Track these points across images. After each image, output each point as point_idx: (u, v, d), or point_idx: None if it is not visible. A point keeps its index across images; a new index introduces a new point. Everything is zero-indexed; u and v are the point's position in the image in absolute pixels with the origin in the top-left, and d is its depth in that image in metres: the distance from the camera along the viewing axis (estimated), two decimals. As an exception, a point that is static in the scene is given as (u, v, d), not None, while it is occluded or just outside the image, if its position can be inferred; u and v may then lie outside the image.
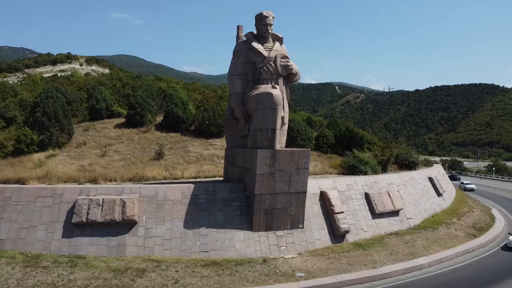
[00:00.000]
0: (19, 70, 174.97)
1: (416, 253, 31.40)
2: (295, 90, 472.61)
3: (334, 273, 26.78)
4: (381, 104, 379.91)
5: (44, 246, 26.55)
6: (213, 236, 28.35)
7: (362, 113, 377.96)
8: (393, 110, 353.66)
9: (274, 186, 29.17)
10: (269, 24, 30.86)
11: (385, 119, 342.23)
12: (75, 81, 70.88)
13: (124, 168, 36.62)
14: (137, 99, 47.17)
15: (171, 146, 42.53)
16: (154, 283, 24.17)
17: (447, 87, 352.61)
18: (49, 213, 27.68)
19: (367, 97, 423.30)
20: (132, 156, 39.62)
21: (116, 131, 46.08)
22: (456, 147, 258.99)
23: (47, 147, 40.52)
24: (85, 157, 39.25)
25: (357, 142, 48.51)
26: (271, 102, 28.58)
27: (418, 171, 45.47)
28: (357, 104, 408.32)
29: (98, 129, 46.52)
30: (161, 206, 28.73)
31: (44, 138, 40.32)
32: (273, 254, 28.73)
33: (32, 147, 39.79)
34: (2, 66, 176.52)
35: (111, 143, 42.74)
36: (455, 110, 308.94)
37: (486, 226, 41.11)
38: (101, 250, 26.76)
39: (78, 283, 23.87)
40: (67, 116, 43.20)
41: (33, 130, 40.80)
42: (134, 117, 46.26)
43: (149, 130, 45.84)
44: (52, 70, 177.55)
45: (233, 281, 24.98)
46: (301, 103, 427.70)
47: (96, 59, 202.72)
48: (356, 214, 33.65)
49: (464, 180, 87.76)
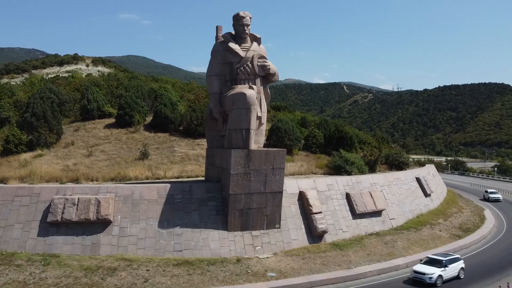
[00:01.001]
0: (26, 71, 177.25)
1: (395, 254, 31.25)
2: (303, 90, 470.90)
3: (306, 273, 26.76)
4: (389, 104, 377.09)
5: (19, 245, 26.90)
6: (188, 235, 28.50)
7: (370, 113, 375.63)
8: (401, 110, 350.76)
9: (249, 186, 29.23)
10: (246, 25, 30.92)
11: (393, 119, 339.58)
12: (72, 82, 71.68)
13: (107, 168, 36.97)
14: (127, 99, 47.56)
15: (157, 146, 42.81)
16: (124, 282, 24.39)
17: (456, 86, 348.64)
18: (26, 212, 28.03)
19: (375, 97, 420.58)
20: (117, 156, 39.98)
21: (105, 131, 46.51)
22: (464, 147, 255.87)
23: (36, 147, 41.06)
24: (71, 157, 39.70)
25: (346, 142, 48.28)
26: (244, 102, 28.66)
27: (405, 172, 45.12)
28: (365, 104, 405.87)
29: (88, 129, 47.00)
30: (137, 205, 28.95)
31: (33, 138, 40.87)
32: (248, 254, 28.79)
33: (21, 147, 40.36)
34: (10, 67, 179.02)
35: (99, 143, 43.15)
36: (463, 109, 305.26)
37: (474, 227, 40.68)
38: (76, 249, 27.05)
39: (48, 282, 24.18)
40: (56, 116, 43.73)
41: (22, 131, 41.41)
42: (123, 117, 46.65)
43: (138, 130, 46.18)
44: (58, 71, 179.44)
45: (203, 280, 25.11)
46: (309, 103, 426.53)
47: (102, 60, 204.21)
48: (336, 214, 33.55)
49: (489, 188, 69.93)
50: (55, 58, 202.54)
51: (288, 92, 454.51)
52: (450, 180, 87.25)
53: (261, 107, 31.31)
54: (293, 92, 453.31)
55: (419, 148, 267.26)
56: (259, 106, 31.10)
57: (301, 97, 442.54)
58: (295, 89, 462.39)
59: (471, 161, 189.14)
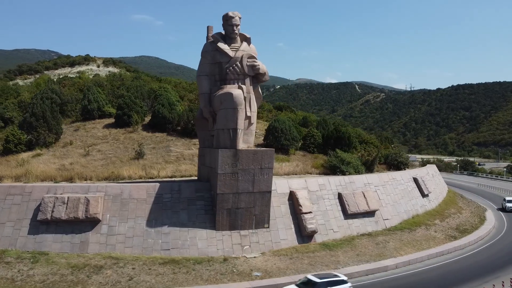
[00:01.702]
0: (38, 72, 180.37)
1: (385, 255, 30.98)
2: (315, 89, 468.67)
3: (292, 273, 26.72)
4: (401, 104, 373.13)
5: (10, 242, 27.41)
6: (175, 234, 28.68)
7: (381, 112, 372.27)
8: (414, 109, 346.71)
9: (237, 186, 29.30)
10: (235, 25, 30.98)
11: (405, 119, 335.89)
12: (76, 82, 72.69)
13: (102, 167, 37.44)
14: (125, 99, 48.08)
15: (154, 145, 43.20)
16: (109, 280, 24.68)
17: (470, 85, 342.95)
18: (17, 210, 28.56)
19: (387, 96, 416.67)
20: (113, 155, 40.46)
21: (104, 131, 47.10)
22: (477, 147, 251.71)
23: (35, 146, 41.82)
24: (68, 156, 40.32)
25: (345, 142, 47.97)
26: (231, 102, 28.74)
27: (402, 172, 44.65)
28: (377, 104, 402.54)
29: (87, 129, 47.66)
30: (126, 204, 29.25)
31: (32, 138, 41.64)
32: (236, 253, 28.85)
33: (20, 147, 41.14)
34: (23, 68, 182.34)
35: (97, 142, 43.72)
36: (477, 109, 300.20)
37: (471, 228, 40.07)
38: (65, 247, 27.46)
39: (35, 279, 24.62)
40: (55, 117, 44.43)
41: (22, 130, 42.20)
42: (122, 117, 47.17)
43: (136, 130, 46.66)
44: (70, 72, 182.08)
45: (187, 279, 25.27)
46: (320, 102, 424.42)
47: (113, 60, 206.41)
48: (327, 214, 33.40)
49: (509, 195, 62.42)
50: (67, 59, 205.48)
51: (299, 92, 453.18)
52: (456, 181, 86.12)
53: (250, 106, 31.31)
54: (304, 92, 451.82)
55: (431, 148, 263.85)
56: (248, 105, 31.14)
57: (312, 97, 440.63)
58: (306, 88, 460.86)
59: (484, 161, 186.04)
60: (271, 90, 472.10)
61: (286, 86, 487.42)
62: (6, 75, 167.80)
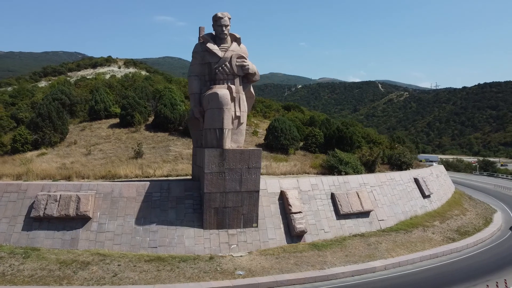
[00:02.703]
0: (62, 73, 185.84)
1: (375, 256, 30.59)
2: (337, 89, 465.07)
3: (275, 273, 26.76)
4: (425, 103, 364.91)
5: (5, 238, 28.50)
6: (163, 232, 29.15)
7: (405, 111, 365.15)
8: (438, 108, 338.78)
9: (224, 185, 29.53)
10: (224, 25, 31.20)
11: (428, 118, 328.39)
12: (89, 83, 74.69)
13: (101, 166, 38.35)
14: (129, 100, 49.09)
15: (154, 145, 43.95)
16: (93, 276, 25.35)
17: (497, 83, 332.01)
18: (13, 207, 29.65)
19: (411, 95, 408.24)
20: (114, 155, 41.39)
21: (108, 131, 48.21)
22: (504, 147, 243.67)
23: (40, 146, 43.28)
24: (71, 155, 41.51)
25: (347, 141, 47.49)
26: (217, 102, 29.01)
27: (402, 172, 43.82)
28: (400, 103, 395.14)
29: (93, 129, 48.91)
30: (116, 202, 29.94)
31: (38, 138, 43.11)
32: (223, 252, 29.07)
33: (27, 146, 42.66)
34: (47, 70, 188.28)
35: (99, 142, 44.82)
36: (504, 107, 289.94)
37: (474, 230, 39.03)
38: (56, 243, 28.34)
39: (24, 273, 25.51)
40: (61, 117, 45.83)
41: (29, 130, 43.74)
42: (126, 117, 48.21)
43: (138, 130, 47.58)
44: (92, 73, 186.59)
45: (169, 276, 25.66)
46: (342, 102, 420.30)
47: (134, 62, 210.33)
48: (318, 215, 33.22)
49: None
50: (89, 61, 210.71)
51: (321, 91, 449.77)
52: (473, 182, 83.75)
53: (240, 106, 31.49)
54: (326, 92, 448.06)
55: (456, 148, 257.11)
56: (238, 105, 31.34)
57: (334, 96, 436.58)
58: (328, 88, 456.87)
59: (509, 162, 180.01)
60: (293, 89, 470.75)
61: (308, 86, 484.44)
62: (32, 77, 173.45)
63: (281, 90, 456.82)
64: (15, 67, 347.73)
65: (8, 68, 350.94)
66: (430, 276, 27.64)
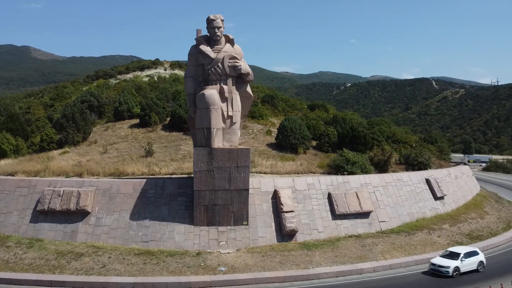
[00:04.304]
0: (112, 76, 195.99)
1: (367, 257, 29.94)
2: (387, 86, 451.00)
3: (257, 270, 27.09)
4: (483, 100, 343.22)
5: (14, 229, 31.12)
6: (155, 228, 30.41)
7: (460, 109, 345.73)
8: (497, 105, 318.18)
9: (214, 183, 30.26)
10: (216, 27, 31.89)
11: (486, 116, 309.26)
12: (124, 86, 78.48)
13: (113, 164, 40.50)
14: (147, 101, 51.27)
15: (166, 144, 45.63)
16: (84, 266, 27.07)
17: None
18: (23, 201, 32.28)
19: (468, 92, 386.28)
20: (127, 153, 43.52)
21: (127, 130, 50.66)
22: None
23: (64, 145, 46.46)
24: (89, 154, 44.19)
25: (360, 141, 46.45)
26: (204, 102, 29.82)
27: (412, 172, 42.05)
28: (455, 100, 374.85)
29: (114, 129, 51.63)
30: (113, 198, 31.65)
31: (62, 137, 46.31)
32: (212, 248, 29.81)
33: (52, 145, 45.99)
34: (99, 73, 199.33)
35: (117, 141, 47.27)
36: None
37: (488, 235, 36.87)
38: (58, 235, 30.51)
39: (25, 262, 27.80)
40: (84, 118, 48.87)
41: (55, 130, 47.12)
42: (144, 118, 50.42)
43: (155, 130, 49.58)
44: (139, 75, 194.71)
45: (153, 270, 26.81)
46: (393, 100, 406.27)
47: (179, 64, 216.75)
48: (313, 214, 32.99)
49: None
50: (138, 63, 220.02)
51: (371, 90, 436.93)
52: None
53: (232, 106, 32.06)
54: (376, 90, 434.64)
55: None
56: (230, 105, 31.93)
57: (384, 94, 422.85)
58: (378, 86, 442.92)
59: None
60: (341, 88, 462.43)
61: (357, 84, 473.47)
62: (85, 80, 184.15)
63: (330, 89, 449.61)
64: (76, 71, 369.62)
65: (70, 72, 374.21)
66: (417, 280, 26.74)
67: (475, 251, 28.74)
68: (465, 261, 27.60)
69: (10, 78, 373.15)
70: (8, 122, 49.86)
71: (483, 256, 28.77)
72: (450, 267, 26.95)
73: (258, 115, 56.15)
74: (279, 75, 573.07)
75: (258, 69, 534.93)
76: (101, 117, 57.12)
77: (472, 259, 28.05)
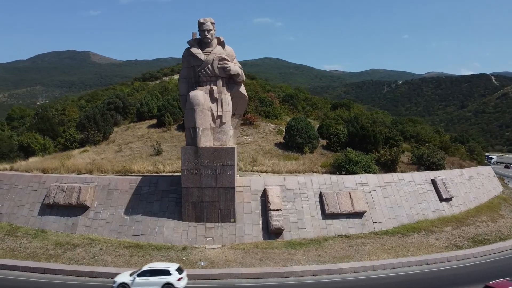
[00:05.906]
0: (158, 78, 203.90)
1: (352, 258, 29.67)
2: (442, 83, 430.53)
3: (235, 266, 27.84)
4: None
5: (24, 221, 34.11)
6: (147, 222, 32.06)
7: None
8: None
9: (201, 181, 31.39)
10: (206, 30, 32.93)
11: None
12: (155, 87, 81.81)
13: (124, 162, 42.81)
14: (164, 102, 53.40)
15: (176, 143, 47.33)
16: (77, 256, 29.24)
17: None
18: (34, 195, 35.28)
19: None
20: (139, 152, 45.75)
21: (145, 130, 53.08)
22: None
23: (85, 144, 49.68)
24: (105, 152, 46.95)
25: (369, 140, 45.46)
26: (189, 103, 31.02)
27: (416, 173, 40.50)
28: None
29: (134, 129, 54.28)
30: (111, 194, 33.74)
31: (83, 137, 49.56)
32: (198, 243, 30.95)
33: (75, 144, 49.39)
34: (145, 75, 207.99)
35: (133, 141, 49.75)
36: None
37: (495, 239, 34.94)
38: (60, 227, 33.08)
39: (28, 250, 30.49)
40: (105, 118, 51.90)
41: (78, 130, 50.54)
42: (160, 118, 52.60)
43: (169, 129, 51.55)
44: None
45: (137, 262, 28.37)
46: (447, 98, 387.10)
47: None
48: (302, 213, 33.09)
49: None
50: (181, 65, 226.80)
51: (424, 87, 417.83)
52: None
53: (222, 106, 32.97)
54: (430, 87, 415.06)
55: None
56: (220, 105, 32.88)
57: (438, 92, 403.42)
58: (432, 83, 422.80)
59: None
60: (393, 85, 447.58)
61: (410, 81, 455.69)
62: (133, 82, 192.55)
63: (380, 87, 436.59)
64: (132, 73, 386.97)
65: (125, 75, 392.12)
66: (394, 283, 26.16)
67: (167, 271, 24.26)
68: (139, 280, 23.73)
69: (72, 82, 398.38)
70: (40, 123, 54.18)
71: (174, 279, 23.93)
72: (116, 282, 23.80)
73: (273, 114, 56.59)
74: (328, 73, 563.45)
75: (307, 68, 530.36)
76: (126, 118, 60.24)
77: (153, 279, 23.87)
